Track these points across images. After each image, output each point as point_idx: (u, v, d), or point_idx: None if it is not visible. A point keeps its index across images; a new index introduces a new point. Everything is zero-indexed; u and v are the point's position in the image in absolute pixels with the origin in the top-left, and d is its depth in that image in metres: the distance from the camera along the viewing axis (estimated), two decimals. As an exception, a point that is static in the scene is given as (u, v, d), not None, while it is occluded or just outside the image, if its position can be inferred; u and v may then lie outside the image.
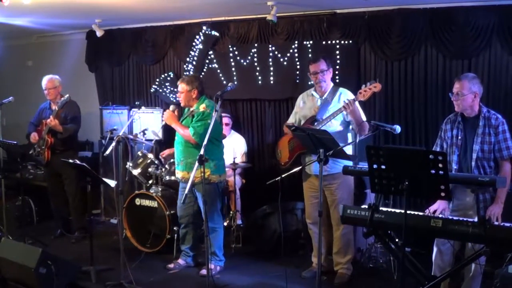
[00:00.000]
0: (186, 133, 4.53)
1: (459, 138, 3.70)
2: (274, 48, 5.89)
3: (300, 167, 4.09)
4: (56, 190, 5.86)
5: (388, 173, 3.03)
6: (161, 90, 6.73)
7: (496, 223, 3.11)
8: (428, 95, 5.22)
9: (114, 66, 7.16)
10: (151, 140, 5.89)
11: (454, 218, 3.13)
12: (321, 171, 3.67)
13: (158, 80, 6.75)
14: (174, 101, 6.52)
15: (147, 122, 6.24)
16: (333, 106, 4.40)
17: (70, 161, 4.78)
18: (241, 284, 4.58)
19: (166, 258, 5.06)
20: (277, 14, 5.40)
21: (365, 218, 3.32)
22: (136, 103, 5.54)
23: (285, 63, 5.85)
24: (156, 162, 5.43)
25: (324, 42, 5.62)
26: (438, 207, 3.62)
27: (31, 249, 4.25)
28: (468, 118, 3.71)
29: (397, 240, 3.59)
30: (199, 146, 4.15)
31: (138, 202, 5.36)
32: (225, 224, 5.21)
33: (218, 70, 6.25)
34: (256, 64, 6.01)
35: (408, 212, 3.03)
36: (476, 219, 3.03)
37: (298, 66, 5.76)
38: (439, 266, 3.81)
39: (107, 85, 7.24)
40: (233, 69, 6.15)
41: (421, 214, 3.31)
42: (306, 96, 4.65)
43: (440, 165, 2.84)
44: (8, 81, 7.85)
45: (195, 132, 4.45)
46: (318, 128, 4.21)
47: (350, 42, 5.49)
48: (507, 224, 2.98)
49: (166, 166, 5.37)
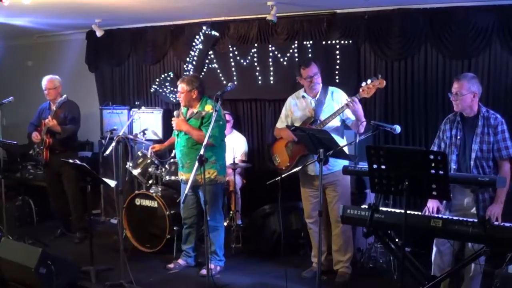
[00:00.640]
0: (200, 135, 4.44)
1: (458, 138, 3.70)
2: (274, 48, 5.89)
3: (300, 167, 4.09)
4: (55, 190, 5.85)
5: (388, 173, 3.03)
6: (161, 90, 6.73)
7: (496, 223, 3.11)
8: (428, 95, 5.22)
9: (114, 66, 7.16)
10: (151, 140, 5.88)
11: (454, 218, 3.13)
12: (321, 171, 3.67)
13: (158, 80, 6.75)
14: (174, 101, 6.54)
15: (147, 122, 6.24)
16: (327, 105, 4.40)
17: (70, 161, 4.77)
18: (241, 284, 4.58)
19: (166, 258, 5.06)
20: (277, 14, 5.39)
21: (365, 218, 3.32)
22: (136, 103, 5.53)
23: (285, 63, 5.85)
24: (156, 162, 5.42)
25: (324, 42, 5.62)
26: (432, 206, 3.63)
27: (31, 249, 4.25)
28: (467, 118, 3.71)
29: (397, 240, 3.59)
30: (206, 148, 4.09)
31: (138, 202, 5.36)
32: (225, 224, 5.20)
33: (218, 70, 6.25)
34: (256, 64, 6.00)
35: (408, 212, 3.03)
36: (476, 219, 3.03)
37: (298, 66, 5.77)
38: (439, 266, 3.81)
39: (107, 85, 7.24)
40: (233, 69, 6.14)
41: (421, 214, 3.31)
42: (296, 98, 4.59)
43: (440, 165, 2.84)
44: (8, 81, 7.83)
45: (212, 134, 4.26)
46: (321, 128, 4.20)
47: (350, 42, 5.49)
48: (507, 224, 2.98)
49: (166, 166, 5.36)
